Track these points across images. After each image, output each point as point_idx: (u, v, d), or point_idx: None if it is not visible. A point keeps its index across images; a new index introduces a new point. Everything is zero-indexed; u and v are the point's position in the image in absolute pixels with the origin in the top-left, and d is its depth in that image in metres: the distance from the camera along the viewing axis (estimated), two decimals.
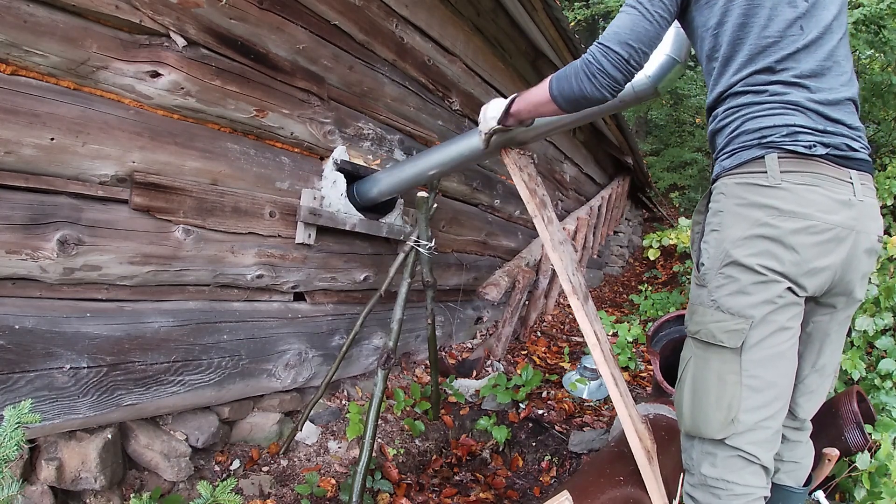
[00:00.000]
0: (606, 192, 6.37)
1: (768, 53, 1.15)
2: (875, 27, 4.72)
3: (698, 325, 1.21)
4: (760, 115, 1.14)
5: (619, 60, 1.17)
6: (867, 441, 1.88)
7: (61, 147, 1.49)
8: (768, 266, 1.13)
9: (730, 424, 1.17)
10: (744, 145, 1.16)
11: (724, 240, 1.16)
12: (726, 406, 1.17)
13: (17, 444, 1.07)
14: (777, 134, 1.12)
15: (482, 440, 2.88)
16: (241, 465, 2.15)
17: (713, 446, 1.22)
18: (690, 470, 1.30)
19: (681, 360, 1.30)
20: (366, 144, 2.47)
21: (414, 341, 3.22)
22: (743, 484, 1.18)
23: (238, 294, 2.09)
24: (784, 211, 1.10)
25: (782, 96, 1.14)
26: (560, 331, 4.74)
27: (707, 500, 1.22)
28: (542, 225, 1.77)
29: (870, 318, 2.66)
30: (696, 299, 1.24)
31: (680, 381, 1.28)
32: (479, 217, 3.64)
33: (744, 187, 1.14)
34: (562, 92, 1.28)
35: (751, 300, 1.14)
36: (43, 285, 1.56)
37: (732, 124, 1.19)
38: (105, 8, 1.49)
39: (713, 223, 1.20)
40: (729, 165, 1.18)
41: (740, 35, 1.17)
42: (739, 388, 1.17)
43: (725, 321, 1.15)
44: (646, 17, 1.17)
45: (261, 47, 1.91)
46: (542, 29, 3.32)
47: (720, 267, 1.17)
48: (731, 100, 1.20)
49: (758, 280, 1.13)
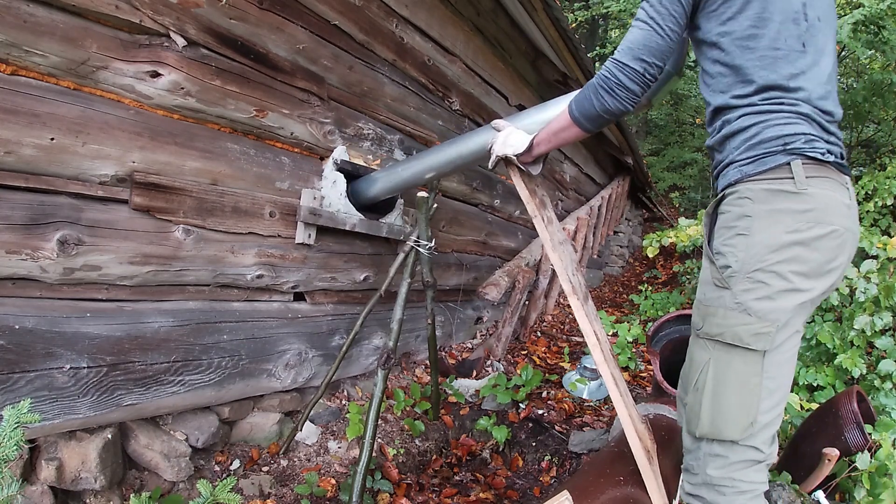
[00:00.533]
0: (606, 192, 6.37)
1: (779, 66, 1.20)
2: (875, 27, 4.72)
3: (721, 327, 1.21)
4: (780, 124, 1.19)
5: (635, 74, 1.24)
6: (867, 441, 1.88)
7: (61, 147, 1.49)
8: (797, 271, 1.17)
9: (750, 426, 1.20)
10: (767, 151, 1.19)
11: (753, 245, 1.18)
12: (749, 408, 1.20)
13: (16, 444, 1.07)
14: (799, 141, 1.18)
15: (482, 440, 2.88)
16: (241, 465, 2.15)
17: (724, 448, 1.23)
18: (693, 470, 1.30)
19: (693, 364, 1.28)
20: (366, 144, 2.47)
21: (414, 341, 3.22)
22: (748, 481, 1.22)
23: (238, 294, 2.09)
24: (811, 218, 1.16)
25: (795, 107, 1.20)
26: (560, 331, 4.74)
27: (713, 499, 1.25)
28: (541, 225, 1.77)
29: (869, 318, 2.66)
30: (715, 301, 1.24)
31: (696, 385, 1.26)
32: (479, 217, 3.64)
33: (772, 193, 1.18)
34: (583, 112, 1.35)
35: (779, 305, 1.17)
36: (43, 285, 1.56)
37: (750, 130, 1.22)
38: (105, 8, 1.49)
39: (739, 227, 1.21)
40: (752, 171, 1.20)
41: (750, 45, 1.21)
42: (760, 389, 1.20)
43: (752, 324, 1.17)
44: (657, 31, 1.23)
45: (261, 47, 1.92)
46: (542, 29, 3.33)
47: (749, 271, 1.18)
48: (747, 107, 1.22)
49: (787, 287, 1.17)
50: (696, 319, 1.28)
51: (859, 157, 6.51)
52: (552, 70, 3.92)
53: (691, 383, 1.27)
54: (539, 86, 4.09)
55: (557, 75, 3.95)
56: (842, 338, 2.84)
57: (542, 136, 1.55)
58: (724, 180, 1.27)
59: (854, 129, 6.28)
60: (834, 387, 2.73)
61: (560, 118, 1.45)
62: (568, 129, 1.43)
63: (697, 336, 1.28)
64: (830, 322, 3.09)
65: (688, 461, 1.33)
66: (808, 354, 3.09)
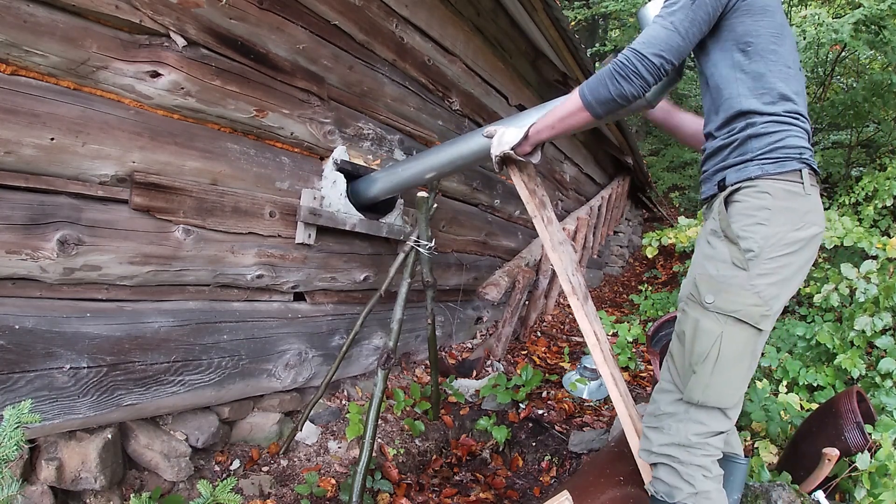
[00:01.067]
0: (606, 192, 6.37)
1: (791, 83, 1.34)
2: (875, 27, 4.72)
3: (737, 304, 1.30)
4: (796, 136, 1.33)
5: (651, 66, 1.32)
6: (867, 441, 1.88)
7: (61, 147, 1.49)
8: (797, 265, 1.32)
9: (741, 398, 1.37)
10: (787, 156, 1.31)
11: (771, 235, 1.29)
12: (744, 381, 1.36)
13: (17, 444, 1.07)
14: (807, 153, 1.34)
15: (482, 440, 2.88)
16: (241, 465, 2.15)
17: (710, 416, 1.36)
18: (666, 431, 1.40)
19: (701, 334, 1.33)
20: (366, 144, 2.47)
21: (414, 341, 3.22)
22: (715, 447, 1.38)
23: (238, 294, 2.09)
24: (809, 220, 1.31)
25: (802, 124, 1.36)
26: (560, 331, 4.74)
27: (685, 457, 1.36)
28: (541, 225, 1.77)
29: (869, 318, 2.66)
30: (730, 279, 1.31)
31: (706, 355, 1.32)
32: (479, 217, 3.64)
33: (788, 193, 1.30)
34: (597, 97, 1.40)
35: (782, 291, 1.32)
36: (43, 285, 1.56)
37: (775, 136, 1.32)
38: (105, 8, 1.49)
39: (759, 217, 1.30)
40: (773, 171, 1.31)
41: (772, 58, 1.33)
42: (754, 365, 1.37)
43: (761, 307, 1.29)
44: (681, 34, 1.32)
45: (261, 47, 1.92)
46: (542, 29, 3.33)
47: (767, 258, 1.29)
48: (774, 116, 1.33)
49: (789, 276, 1.31)
50: (704, 293, 1.34)
51: (859, 157, 6.50)
52: (552, 70, 3.92)
53: (701, 354, 1.33)
54: (539, 86, 4.09)
55: (557, 75, 3.96)
56: (842, 338, 2.84)
57: (545, 122, 1.58)
58: (740, 174, 1.34)
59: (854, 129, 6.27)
60: (834, 387, 2.73)
61: (568, 104, 1.48)
62: (576, 114, 1.46)
63: (706, 310, 1.33)
64: (830, 322, 3.10)
65: (664, 422, 1.41)
66: (808, 354, 3.09)
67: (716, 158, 1.40)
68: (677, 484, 1.36)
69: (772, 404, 2.44)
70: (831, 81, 6.83)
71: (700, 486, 1.33)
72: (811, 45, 5.60)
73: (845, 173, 6.19)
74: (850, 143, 6.41)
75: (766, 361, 3.01)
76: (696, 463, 1.35)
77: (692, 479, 1.34)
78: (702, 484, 1.33)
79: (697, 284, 1.36)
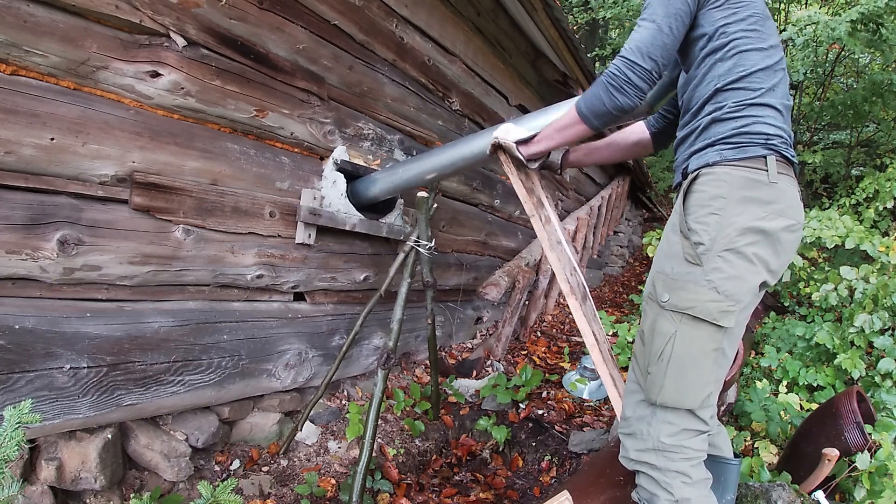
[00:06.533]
0: (606, 192, 6.37)
1: (768, 72, 1.29)
2: (873, 25, 4.72)
3: (692, 301, 1.25)
4: (766, 123, 1.28)
5: (643, 72, 1.30)
6: (867, 441, 1.88)
7: (61, 147, 1.49)
8: (761, 257, 1.25)
9: (707, 397, 1.29)
10: (750, 142, 1.26)
11: (726, 226, 1.23)
12: (707, 380, 1.28)
13: (17, 444, 1.07)
14: (776, 140, 1.27)
15: (482, 440, 2.88)
16: (241, 465, 2.15)
17: (677, 416, 1.30)
18: (641, 436, 1.35)
19: (657, 334, 1.30)
20: (366, 144, 2.47)
21: (414, 341, 3.22)
22: (695, 449, 1.31)
23: (238, 294, 2.09)
24: (777, 210, 1.24)
25: (777, 110, 1.30)
26: (560, 331, 4.74)
27: (662, 464, 1.30)
28: (539, 224, 1.77)
29: (868, 316, 2.67)
30: (684, 276, 1.27)
31: (662, 355, 1.29)
32: (479, 217, 3.64)
33: (746, 181, 1.24)
34: (592, 110, 1.39)
35: (744, 286, 1.25)
36: (43, 285, 1.56)
37: (741, 121, 1.28)
38: (105, 8, 1.49)
39: (713, 207, 1.25)
40: (732, 157, 1.26)
41: (749, 45, 1.29)
42: (720, 362, 1.31)
43: (720, 302, 1.23)
44: (664, 31, 1.29)
45: (261, 47, 1.92)
46: (542, 29, 3.33)
47: (720, 251, 1.24)
48: (743, 101, 1.28)
49: (752, 270, 1.25)
50: (660, 291, 1.30)
51: (859, 157, 6.50)
52: (552, 70, 3.92)
53: (655, 353, 1.30)
54: (539, 86, 4.08)
55: (557, 75, 3.95)
56: (841, 337, 2.84)
57: (545, 132, 1.58)
58: (700, 160, 1.31)
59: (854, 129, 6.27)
60: (834, 387, 2.73)
61: (566, 116, 1.49)
62: (574, 126, 1.46)
63: (662, 308, 1.29)
64: (830, 322, 3.10)
65: (636, 427, 1.37)
66: (809, 354, 3.10)
67: (684, 145, 1.39)
68: (656, 491, 1.31)
69: (772, 404, 2.45)
70: (831, 81, 6.83)
71: (679, 494, 1.27)
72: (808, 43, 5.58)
73: (845, 173, 6.19)
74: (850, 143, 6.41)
75: (766, 361, 3.01)
76: (675, 469, 1.29)
77: (670, 486, 1.29)
78: (680, 491, 1.28)
79: (654, 283, 1.33)
